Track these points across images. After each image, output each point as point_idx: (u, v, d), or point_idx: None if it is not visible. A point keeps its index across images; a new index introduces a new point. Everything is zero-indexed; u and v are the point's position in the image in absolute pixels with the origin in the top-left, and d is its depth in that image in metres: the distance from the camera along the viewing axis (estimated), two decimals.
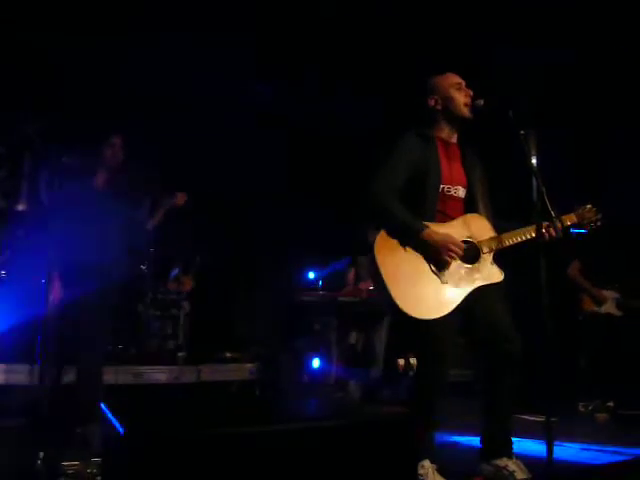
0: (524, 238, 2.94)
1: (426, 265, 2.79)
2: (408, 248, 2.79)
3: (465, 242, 2.87)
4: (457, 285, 2.80)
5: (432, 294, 2.75)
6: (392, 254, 2.78)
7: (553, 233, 2.89)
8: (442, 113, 3.00)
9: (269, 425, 1.73)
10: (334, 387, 5.69)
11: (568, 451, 3.44)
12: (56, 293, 3.61)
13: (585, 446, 3.58)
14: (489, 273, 2.87)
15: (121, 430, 1.52)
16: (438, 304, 2.75)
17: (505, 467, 2.78)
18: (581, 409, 5.03)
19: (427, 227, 2.77)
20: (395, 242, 2.80)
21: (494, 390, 2.89)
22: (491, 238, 2.92)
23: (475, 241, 2.90)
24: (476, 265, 2.86)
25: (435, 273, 2.78)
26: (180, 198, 4.12)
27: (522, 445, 3.28)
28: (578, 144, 6.30)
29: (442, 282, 2.77)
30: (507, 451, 2.85)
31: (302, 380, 5.46)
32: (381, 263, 2.75)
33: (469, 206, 2.99)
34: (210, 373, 5.29)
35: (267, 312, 6.75)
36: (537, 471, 2.74)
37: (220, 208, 6.57)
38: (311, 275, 6.53)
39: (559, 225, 2.96)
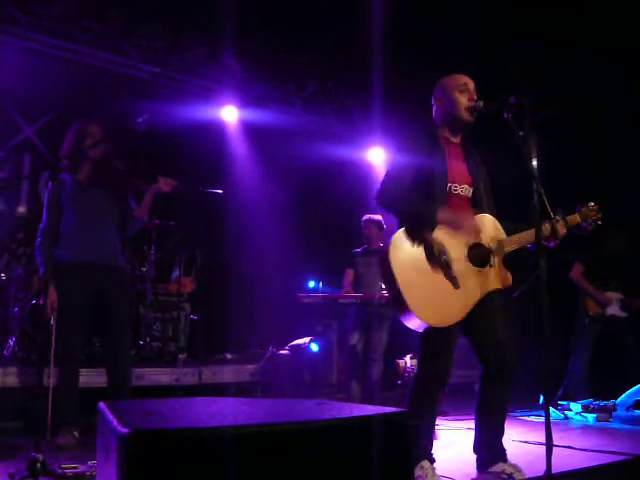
0: (530, 241, 2.92)
1: (440, 271, 2.75)
2: (423, 254, 2.75)
3: (476, 245, 2.85)
4: (470, 291, 2.78)
5: (445, 302, 2.73)
6: (406, 259, 2.73)
7: (552, 237, 2.89)
8: (445, 114, 3.02)
9: (268, 425, 1.72)
10: (335, 388, 5.70)
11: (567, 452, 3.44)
12: (52, 296, 3.48)
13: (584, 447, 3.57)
14: (500, 277, 2.86)
15: (120, 430, 1.52)
16: (451, 312, 2.73)
17: (502, 471, 2.79)
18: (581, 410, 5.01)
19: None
20: (409, 247, 2.75)
21: (487, 398, 2.91)
22: (501, 241, 2.90)
23: (487, 244, 2.88)
24: (487, 269, 2.85)
25: (449, 279, 2.74)
26: (165, 184, 3.89)
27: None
28: (584, 141, 6.28)
29: (455, 287, 2.74)
30: (501, 456, 2.86)
31: (303, 381, 5.46)
32: (395, 268, 2.71)
33: (474, 204, 2.98)
34: (211, 375, 5.29)
35: (268, 314, 6.74)
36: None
37: (220, 209, 6.56)
38: (311, 284, 6.52)
39: (561, 227, 2.95)
